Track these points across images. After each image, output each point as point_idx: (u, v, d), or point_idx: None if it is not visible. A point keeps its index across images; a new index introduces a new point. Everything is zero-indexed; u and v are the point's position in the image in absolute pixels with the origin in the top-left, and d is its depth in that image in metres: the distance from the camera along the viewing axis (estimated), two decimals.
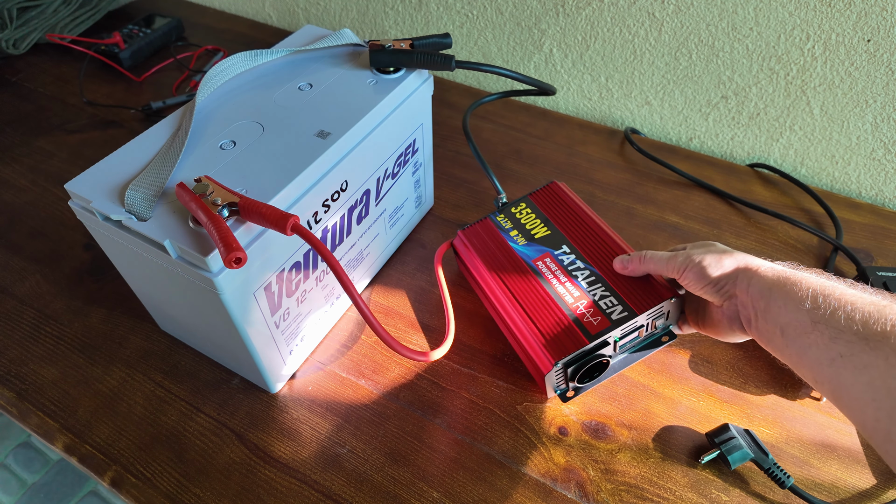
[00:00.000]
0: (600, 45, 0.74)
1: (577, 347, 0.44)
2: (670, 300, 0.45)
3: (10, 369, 0.52)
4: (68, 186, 0.41)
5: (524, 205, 0.56)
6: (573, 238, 0.51)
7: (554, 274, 0.49)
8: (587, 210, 0.53)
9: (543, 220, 0.53)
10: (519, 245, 0.52)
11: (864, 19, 0.59)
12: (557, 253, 0.50)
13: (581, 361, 0.44)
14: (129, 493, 0.44)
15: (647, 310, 0.44)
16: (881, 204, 0.70)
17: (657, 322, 0.46)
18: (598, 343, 0.44)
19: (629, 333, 0.45)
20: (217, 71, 0.50)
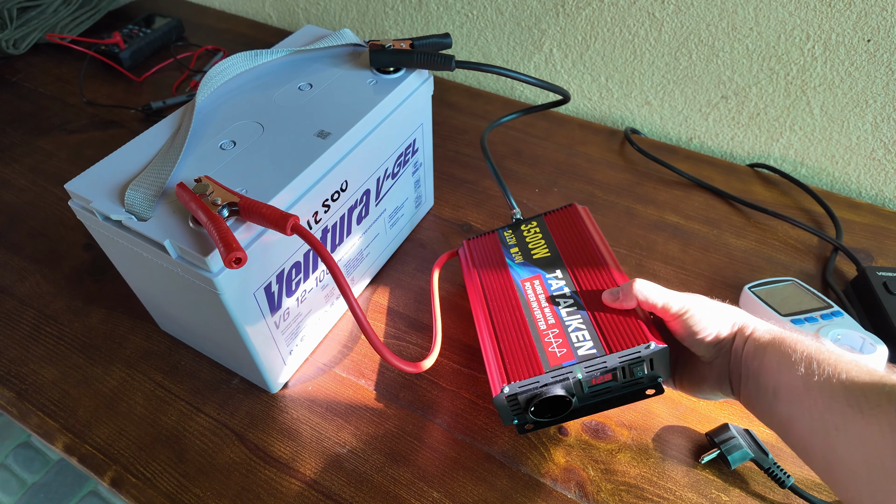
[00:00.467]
0: (600, 45, 0.74)
1: (530, 375, 0.40)
2: (648, 346, 0.39)
3: (10, 369, 0.52)
4: (68, 186, 0.41)
5: (535, 224, 0.53)
6: (571, 264, 0.47)
7: (537, 297, 0.45)
8: (597, 238, 0.49)
9: (548, 242, 0.50)
10: (514, 263, 0.49)
11: (864, 19, 0.59)
12: (548, 276, 0.47)
13: (536, 393, 0.40)
14: (129, 493, 0.44)
15: (619, 351, 0.39)
16: (881, 204, 0.70)
17: (635, 369, 0.40)
18: (555, 376, 0.40)
19: (596, 374, 0.40)
20: (217, 71, 0.50)
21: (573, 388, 0.41)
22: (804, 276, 0.59)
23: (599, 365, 0.40)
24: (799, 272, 0.59)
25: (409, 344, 0.53)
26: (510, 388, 0.40)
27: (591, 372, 0.40)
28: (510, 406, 0.41)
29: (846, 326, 0.47)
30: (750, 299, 0.53)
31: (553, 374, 0.40)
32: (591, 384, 0.41)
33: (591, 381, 0.41)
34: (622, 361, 0.40)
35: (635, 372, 0.40)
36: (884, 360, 0.45)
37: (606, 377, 0.41)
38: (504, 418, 0.42)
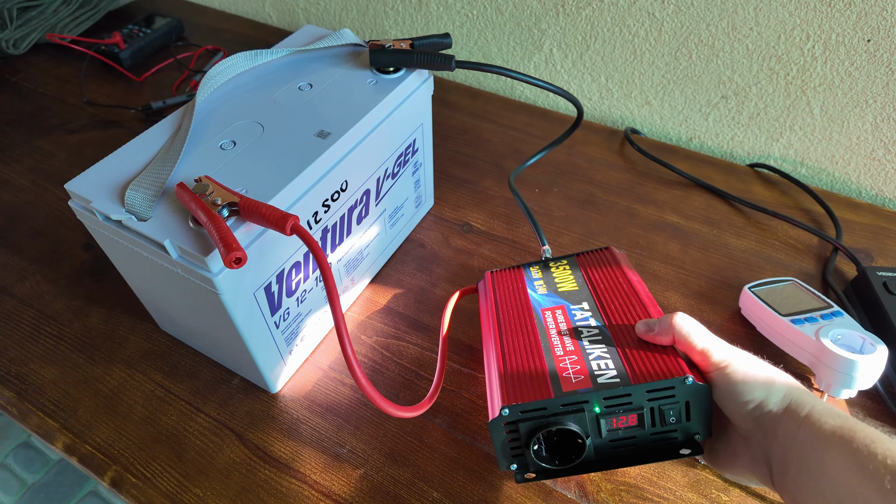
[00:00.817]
0: (600, 45, 0.74)
1: (536, 398, 0.34)
2: (685, 380, 0.32)
3: (10, 369, 0.52)
4: (68, 186, 0.41)
5: (565, 262, 0.49)
6: (601, 298, 0.42)
7: (557, 325, 0.40)
8: (633, 279, 0.44)
9: (577, 277, 0.46)
10: (537, 293, 0.45)
11: (864, 19, 0.59)
12: (573, 307, 0.42)
13: (541, 424, 0.34)
14: (129, 493, 0.44)
15: (648, 381, 0.33)
16: (881, 204, 0.70)
17: (667, 412, 0.33)
18: (567, 404, 0.34)
19: (618, 411, 0.34)
20: (217, 71, 0.50)
21: (589, 427, 0.34)
22: (804, 276, 0.59)
23: (622, 398, 0.33)
24: (799, 272, 0.59)
25: (409, 344, 0.53)
26: (510, 412, 0.34)
27: (612, 407, 0.34)
28: (508, 437, 0.35)
29: (846, 326, 0.47)
30: (750, 299, 0.53)
31: (564, 402, 0.34)
32: (611, 427, 0.34)
33: (612, 422, 0.34)
34: (651, 397, 0.33)
35: (666, 416, 0.33)
36: (884, 360, 0.45)
37: (631, 420, 0.34)
38: (500, 456, 0.36)
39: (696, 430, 0.34)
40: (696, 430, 0.34)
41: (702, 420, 0.34)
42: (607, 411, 0.34)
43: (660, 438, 0.35)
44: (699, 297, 0.57)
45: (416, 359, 0.52)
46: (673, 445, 0.35)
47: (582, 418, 0.34)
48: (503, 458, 0.36)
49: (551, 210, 0.66)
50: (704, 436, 0.34)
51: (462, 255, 0.61)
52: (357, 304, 0.57)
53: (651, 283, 0.59)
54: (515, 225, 0.64)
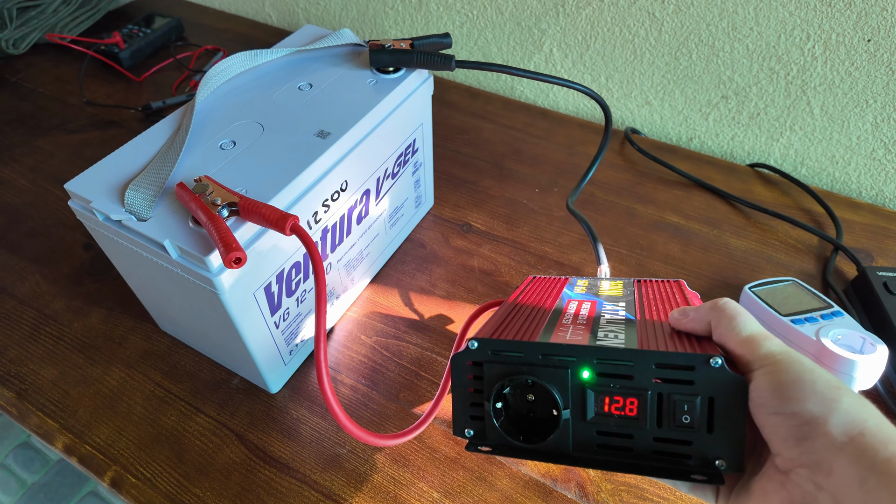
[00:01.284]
0: (600, 45, 0.74)
1: (515, 337, 0.28)
2: (710, 360, 0.24)
3: (10, 369, 0.52)
4: (68, 186, 0.41)
5: (621, 283, 0.40)
6: (643, 301, 0.34)
7: (578, 311, 0.33)
8: (692, 296, 0.35)
9: (626, 287, 0.38)
10: (573, 292, 0.38)
11: (864, 19, 0.59)
12: (607, 304, 0.34)
13: (510, 371, 0.27)
14: (128, 493, 0.44)
15: (659, 351, 0.26)
16: (881, 204, 0.70)
17: (679, 403, 0.25)
18: (549, 354, 0.27)
19: (613, 384, 0.26)
20: (217, 71, 0.50)
21: (570, 397, 0.27)
22: (804, 276, 0.59)
23: (621, 367, 0.26)
24: (799, 272, 0.59)
25: (408, 344, 0.53)
26: (479, 345, 0.28)
27: (607, 378, 0.26)
28: (470, 384, 0.28)
29: (846, 326, 0.47)
30: (750, 299, 0.53)
31: (547, 352, 0.27)
32: (601, 409, 0.26)
33: (604, 402, 0.26)
34: (661, 376, 0.25)
35: (678, 411, 0.25)
36: (884, 360, 0.45)
37: (629, 407, 0.26)
38: (456, 412, 0.29)
39: (719, 451, 0.25)
40: (719, 450, 0.25)
41: (730, 436, 0.24)
42: (599, 382, 0.26)
43: (664, 450, 0.26)
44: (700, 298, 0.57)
45: (416, 359, 0.52)
46: (680, 461, 0.26)
47: (563, 380, 0.26)
48: (460, 414, 0.29)
49: (551, 210, 0.66)
50: (732, 465, 0.25)
51: (462, 255, 0.61)
52: (357, 304, 0.57)
53: None
54: (515, 225, 0.64)
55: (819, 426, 0.21)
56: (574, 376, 0.27)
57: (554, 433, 0.27)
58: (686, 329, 0.28)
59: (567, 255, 0.61)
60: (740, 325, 0.26)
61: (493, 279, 0.59)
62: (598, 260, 0.48)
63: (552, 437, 0.27)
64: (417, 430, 0.39)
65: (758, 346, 0.25)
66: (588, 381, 0.27)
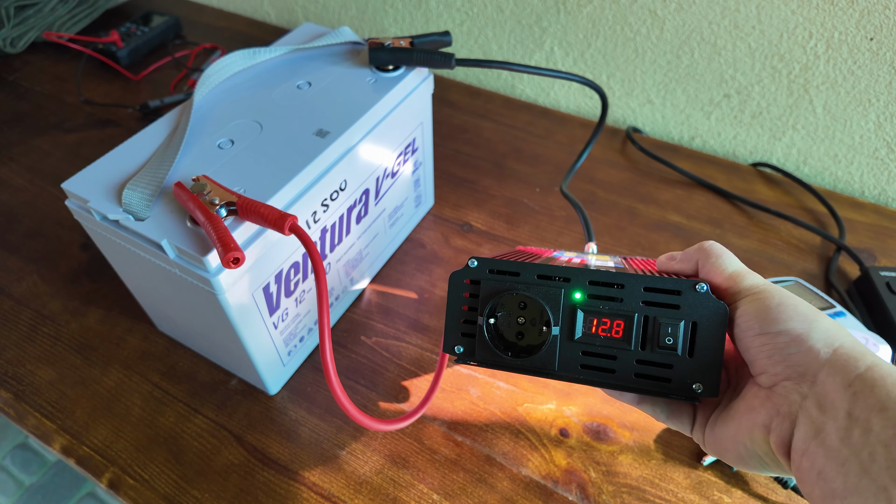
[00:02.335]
0: (602, 44, 0.74)
1: (511, 259, 0.30)
2: (697, 286, 0.26)
3: (7, 370, 0.51)
4: (65, 186, 0.40)
5: (608, 257, 0.41)
6: (631, 264, 0.35)
7: (569, 260, 0.34)
8: None
9: (613, 258, 0.39)
10: (563, 255, 0.38)
11: (866, 17, 0.58)
12: (595, 261, 0.35)
13: (504, 288, 0.29)
14: (126, 494, 0.44)
15: (649, 274, 0.28)
16: (884, 203, 0.70)
17: (664, 326, 0.27)
18: (543, 276, 0.28)
19: (602, 306, 0.28)
20: (215, 69, 0.49)
21: (561, 316, 0.28)
22: (807, 276, 0.58)
23: (611, 290, 0.27)
24: (802, 272, 0.59)
25: (408, 345, 0.53)
26: (478, 264, 0.29)
27: (597, 300, 0.28)
28: (464, 301, 0.30)
29: (849, 326, 0.47)
30: None
31: (542, 273, 0.28)
32: (589, 329, 0.28)
33: (592, 323, 0.28)
34: (648, 300, 0.27)
35: (662, 334, 0.27)
36: (887, 359, 0.44)
37: (616, 329, 0.28)
38: (449, 327, 0.30)
39: (697, 377, 0.27)
40: (698, 375, 0.27)
41: (709, 362, 0.26)
42: (590, 304, 0.28)
43: (646, 372, 0.27)
44: None
45: (416, 359, 0.52)
46: (661, 379, 0.27)
47: (555, 299, 0.28)
48: (452, 330, 0.30)
49: (552, 210, 0.66)
50: (707, 389, 0.27)
51: (462, 255, 0.61)
52: (357, 304, 0.56)
53: None
54: (515, 224, 0.64)
55: (803, 342, 0.24)
56: (567, 296, 0.28)
57: (542, 348, 0.28)
58: (674, 270, 0.30)
59: None
60: (725, 262, 0.28)
61: None
62: (587, 236, 0.47)
63: (540, 352, 0.28)
64: (418, 413, 0.39)
65: (742, 279, 0.27)
66: (579, 302, 0.28)
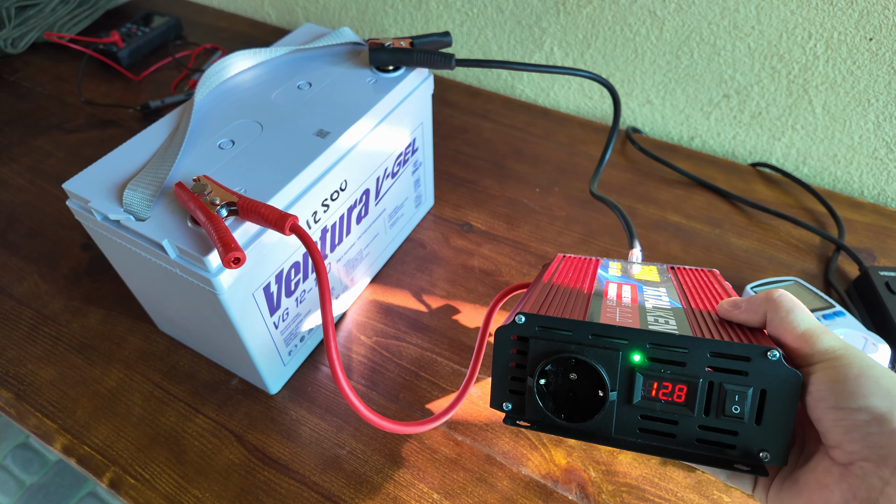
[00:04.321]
0: (601, 44, 0.74)
1: (561, 314, 0.27)
2: (768, 353, 0.24)
3: (9, 370, 0.52)
4: (66, 186, 0.40)
5: (654, 266, 0.40)
6: (685, 289, 0.33)
7: (619, 295, 0.31)
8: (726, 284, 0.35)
9: (661, 273, 0.37)
10: (608, 273, 0.36)
11: (866, 18, 0.58)
12: (648, 288, 0.33)
13: (556, 349, 0.27)
14: (127, 494, 0.44)
15: (716, 339, 0.25)
16: (884, 203, 0.70)
17: (730, 393, 0.25)
18: (598, 336, 0.26)
19: (664, 370, 0.26)
20: (215, 70, 0.49)
21: (619, 380, 0.26)
22: (806, 276, 0.59)
23: (674, 353, 0.26)
24: (801, 272, 0.59)
25: (409, 345, 0.53)
26: (526, 320, 0.27)
27: (658, 363, 0.26)
28: (514, 358, 0.28)
29: (849, 326, 0.47)
30: None
31: (597, 332, 0.26)
32: (648, 393, 0.26)
33: (652, 387, 0.26)
34: (715, 365, 0.25)
35: (728, 402, 0.25)
36: (886, 359, 0.44)
37: (678, 394, 0.26)
38: (495, 384, 0.29)
39: (764, 444, 0.25)
40: (764, 442, 0.25)
41: (778, 429, 0.24)
42: (650, 367, 0.26)
43: (709, 438, 0.26)
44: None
45: (416, 359, 0.52)
46: (724, 450, 0.25)
47: (613, 362, 0.26)
48: (499, 387, 0.29)
49: (552, 210, 0.66)
50: (776, 458, 0.25)
51: (462, 255, 0.61)
52: (357, 304, 0.56)
53: None
54: (516, 224, 0.64)
55: (886, 422, 0.22)
56: (624, 359, 0.26)
57: (598, 414, 0.26)
58: (738, 320, 0.28)
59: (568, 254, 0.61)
60: (798, 318, 0.25)
61: (494, 279, 0.59)
62: (630, 243, 0.44)
63: (596, 417, 0.27)
64: (447, 414, 0.39)
65: (817, 341, 0.25)
66: (638, 365, 0.26)
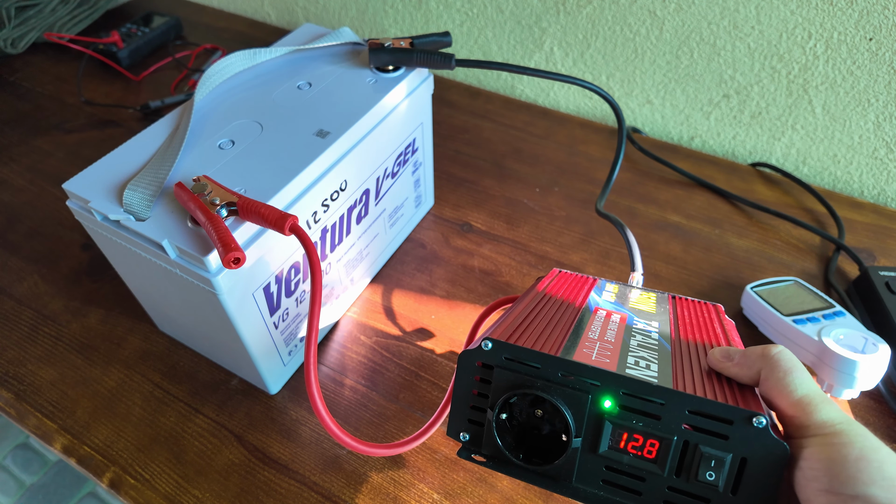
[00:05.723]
0: (601, 44, 0.74)
1: (533, 344, 0.26)
2: (753, 418, 0.22)
3: (9, 370, 0.52)
4: (66, 186, 0.40)
5: (654, 293, 0.38)
6: (679, 324, 0.32)
7: (606, 324, 0.30)
8: (730, 327, 0.33)
9: (660, 303, 0.35)
10: (601, 298, 0.35)
11: (865, 17, 0.58)
12: (638, 320, 0.32)
13: (521, 382, 0.25)
14: (127, 494, 0.44)
15: (696, 396, 0.23)
16: (883, 203, 0.70)
17: (705, 457, 0.23)
18: (567, 375, 0.24)
19: (636, 421, 0.24)
20: (215, 70, 0.49)
21: (585, 425, 0.24)
22: (806, 276, 0.59)
23: (649, 404, 0.23)
24: (801, 272, 0.59)
25: (408, 345, 0.53)
26: (493, 347, 0.25)
27: (630, 412, 0.24)
28: (475, 386, 0.26)
29: (848, 326, 0.47)
30: (752, 299, 0.53)
31: (567, 370, 0.24)
32: (616, 444, 0.24)
33: (621, 439, 0.24)
34: (693, 423, 0.23)
35: (702, 467, 0.23)
36: (886, 360, 0.44)
37: (650, 448, 0.24)
38: (454, 411, 0.27)
39: None
40: None
41: (755, 502, 0.22)
42: (621, 415, 0.24)
43: (676, 500, 0.23)
44: (701, 297, 0.57)
45: (416, 359, 0.52)
46: None
47: (581, 405, 0.24)
48: (457, 415, 0.26)
49: (552, 210, 0.66)
50: None
51: (462, 255, 0.61)
52: (357, 304, 0.56)
53: (652, 283, 0.58)
54: (516, 225, 0.64)
55: None
56: (594, 403, 0.24)
57: (559, 459, 0.25)
58: (729, 374, 0.26)
59: (568, 254, 0.61)
60: (795, 381, 0.23)
61: (494, 279, 0.59)
62: (632, 266, 0.43)
63: (556, 462, 0.25)
64: (422, 437, 0.39)
65: (814, 411, 0.22)
66: (608, 412, 0.24)
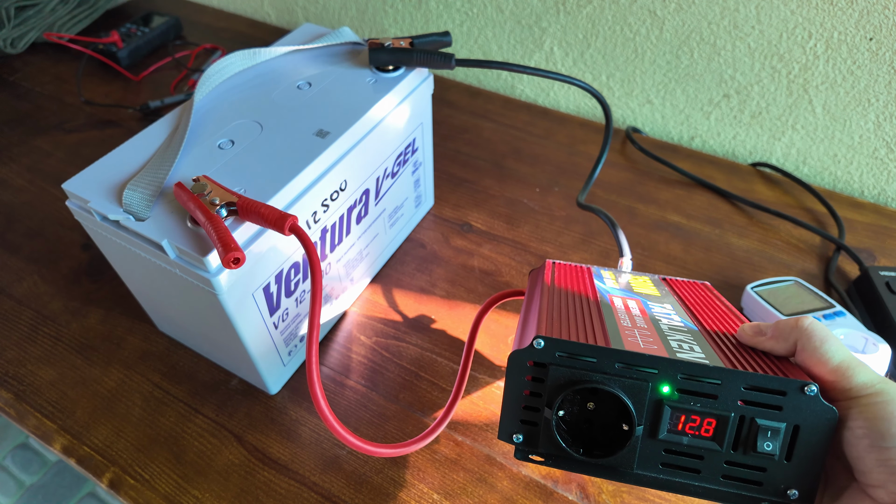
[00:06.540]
0: (601, 44, 0.74)
1: (577, 337, 0.26)
2: (805, 387, 0.24)
3: (8, 370, 0.52)
4: (66, 186, 0.40)
5: (647, 276, 0.39)
6: (688, 305, 0.33)
7: (628, 309, 0.30)
8: (730, 307, 0.34)
9: (658, 286, 0.36)
10: (606, 285, 0.35)
11: (866, 17, 0.58)
12: (653, 304, 0.32)
13: (579, 378, 0.25)
14: (127, 494, 0.44)
15: (750, 372, 0.24)
16: (884, 203, 0.70)
17: (762, 429, 0.24)
18: (624, 366, 0.25)
19: (694, 402, 0.25)
20: (215, 70, 0.49)
21: (645, 413, 0.25)
22: (806, 276, 0.59)
23: (706, 384, 0.24)
24: (801, 272, 0.59)
25: (409, 345, 0.53)
26: (545, 345, 0.25)
27: (688, 395, 0.25)
28: (528, 386, 0.26)
29: (849, 326, 0.47)
30: (752, 299, 0.53)
31: (624, 360, 0.25)
32: (675, 427, 0.25)
33: (679, 420, 0.25)
34: (748, 398, 0.24)
35: (760, 438, 0.24)
36: (887, 359, 0.44)
37: (706, 428, 0.25)
38: (506, 413, 0.26)
39: (793, 481, 0.24)
40: (794, 479, 0.24)
41: (809, 467, 0.24)
42: (679, 399, 0.24)
43: (735, 474, 0.25)
44: None
45: (416, 359, 0.52)
46: (750, 489, 0.24)
47: (641, 393, 0.24)
48: (509, 417, 0.26)
49: (552, 209, 0.66)
50: (805, 496, 0.24)
51: (462, 255, 0.61)
52: (357, 304, 0.56)
53: None
54: (516, 224, 0.64)
55: None
56: (653, 390, 0.25)
57: (623, 449, 0.25)
58: (763, 348, 0.27)
59: (568, 254, 0.61)
60: (831, 350, 0.24)
61: (494, 279, 0.58)
62: (620, 251, 0.44)
63: (619, 452, 0.25)
64: (431, 435, 0.39)
65: (853, 374, 0.24)
66: (667, 397, 0.25)
